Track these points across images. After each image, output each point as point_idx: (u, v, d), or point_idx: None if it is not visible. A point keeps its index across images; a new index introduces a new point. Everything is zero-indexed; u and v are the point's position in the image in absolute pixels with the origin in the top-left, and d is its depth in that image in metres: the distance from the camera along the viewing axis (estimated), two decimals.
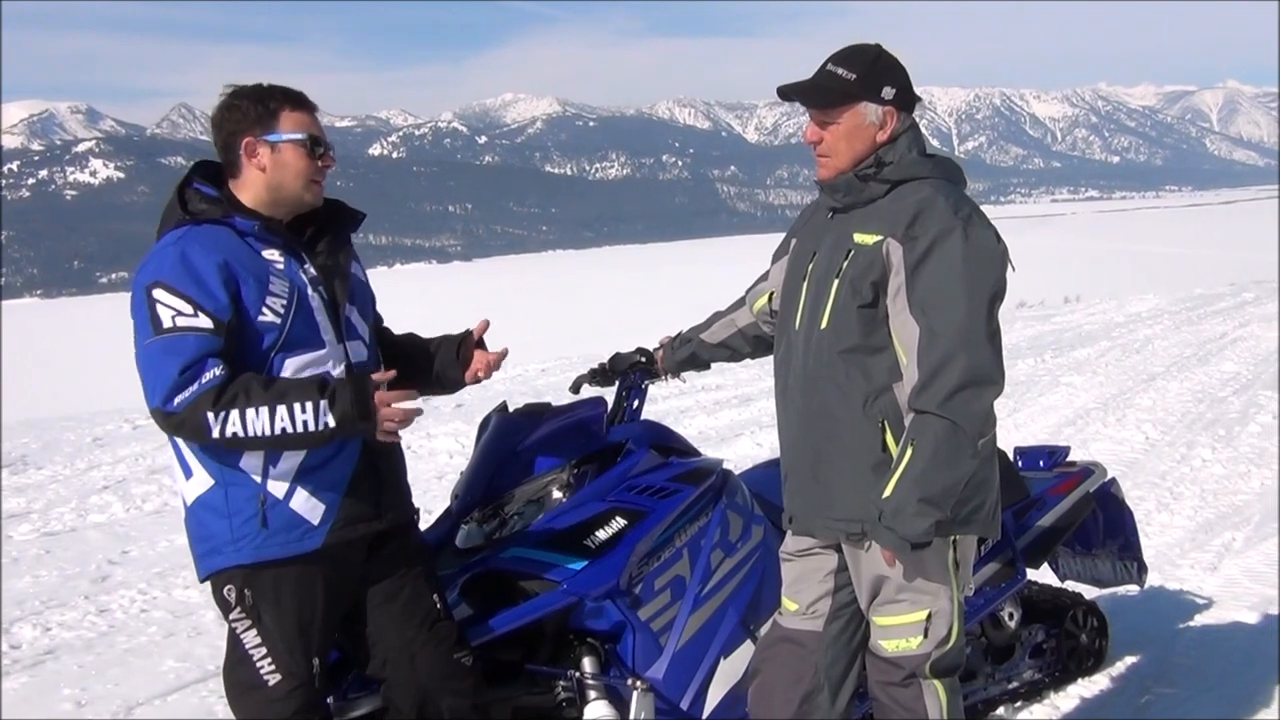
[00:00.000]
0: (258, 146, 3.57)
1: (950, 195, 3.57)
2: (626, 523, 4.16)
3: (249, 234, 3.55)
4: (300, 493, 3.53)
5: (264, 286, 3.49)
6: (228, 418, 3.34)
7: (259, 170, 3.59)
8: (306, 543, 3.55)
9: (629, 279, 75.67)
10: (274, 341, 3.49)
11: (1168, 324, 22.47)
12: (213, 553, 3.56)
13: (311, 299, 3.59)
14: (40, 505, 10.05)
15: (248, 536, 3.51)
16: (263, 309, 3.47)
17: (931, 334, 3.44)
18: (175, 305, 3.38)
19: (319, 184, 3.67)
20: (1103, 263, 62.22)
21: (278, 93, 3.62)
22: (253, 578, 3.54)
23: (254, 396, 3.36)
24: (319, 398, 3.40)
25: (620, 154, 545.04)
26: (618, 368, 4.67)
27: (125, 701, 5.78)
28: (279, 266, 3.55)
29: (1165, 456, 10.91)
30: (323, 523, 3.56)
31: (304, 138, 3.60)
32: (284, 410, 3.37)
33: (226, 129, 3.59)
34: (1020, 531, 5.20)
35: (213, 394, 3.34)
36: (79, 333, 65.95)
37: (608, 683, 4.07)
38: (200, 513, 3.57)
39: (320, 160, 3.64)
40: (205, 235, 3.49)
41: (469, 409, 13.74)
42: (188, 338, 3.35)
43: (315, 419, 3.39)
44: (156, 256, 3.47)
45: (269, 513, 3.50)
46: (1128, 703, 5.49)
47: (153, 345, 3.38)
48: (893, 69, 3.66)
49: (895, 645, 3.71)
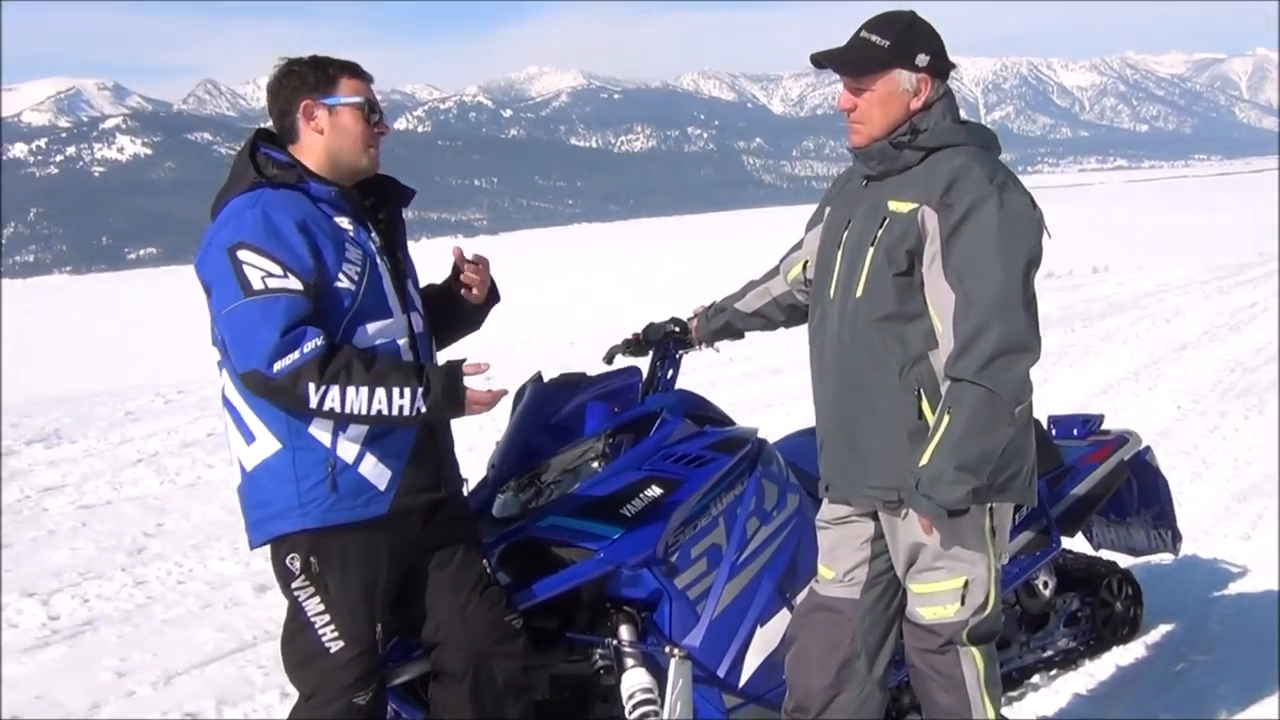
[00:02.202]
0: (316, 109, 3.59)
1: (985, 162, 3.56)
2: (662, 491, 4.16)
3: (323, 199, 3.57)
4: (369, 458, 3.55)
5: (341, 252, 3.51)
6: (328, 392, 3.37)
7: (317, 133, 3.61)
8: (373, 508, 3.57)
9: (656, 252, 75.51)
10: (350, 307, 3.51)
11: (1198, 293, 22.36)
12: (274, 518, 3.56)
13: (381, 268, 3.62)
14: (75, 479, 10.12)
15: (316, 501, 3.52)
16: (340, 275, 3.49)
17: (967, 301, 3.43)
18: (264, 266, 3.38)
19: (375, 149, 3.70)
20: (1132, 232, 61.76)
21: (335, 61, 3.66)
22: (318, 544, 3.55)
23: (355, 375, 3.39)
24: (416, 384, 3.45)
25: (645, 127, 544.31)
26: (652, 338, 4.67)
27: (164, 671, 5.83)
28: (351, 234, 3.58)
29: (1197, 426, 10.87)
30: (389, 488, 3.58)
31: (362, 101, 3.63)
32: (383, 393, 3.41)
33: (284, 94, 3.62)
34: (1055, 500, 5.19)
35: (317, 365, 3.35)
36: (109, 308, 66.19)
37: (645, 650, 4.08)
38: (262, 477, 3.57)
39: (375, 127, 3.67)
40: (281, 198, 3.50)
41: (500, 381, 13.72)
42: (280, 299, 3.36)
43: (410, 404, 3.44)
44: (235, 218, 3.46)
45: (339, 477, 3.52)
46: (1162, 671, 5.48)
47: (245, 307, 3.38)
48: (927, 36, 3.65)
49: (932, 612, 3.72)
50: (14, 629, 6.49)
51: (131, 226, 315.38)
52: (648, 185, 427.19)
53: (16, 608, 6.75)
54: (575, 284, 48.62)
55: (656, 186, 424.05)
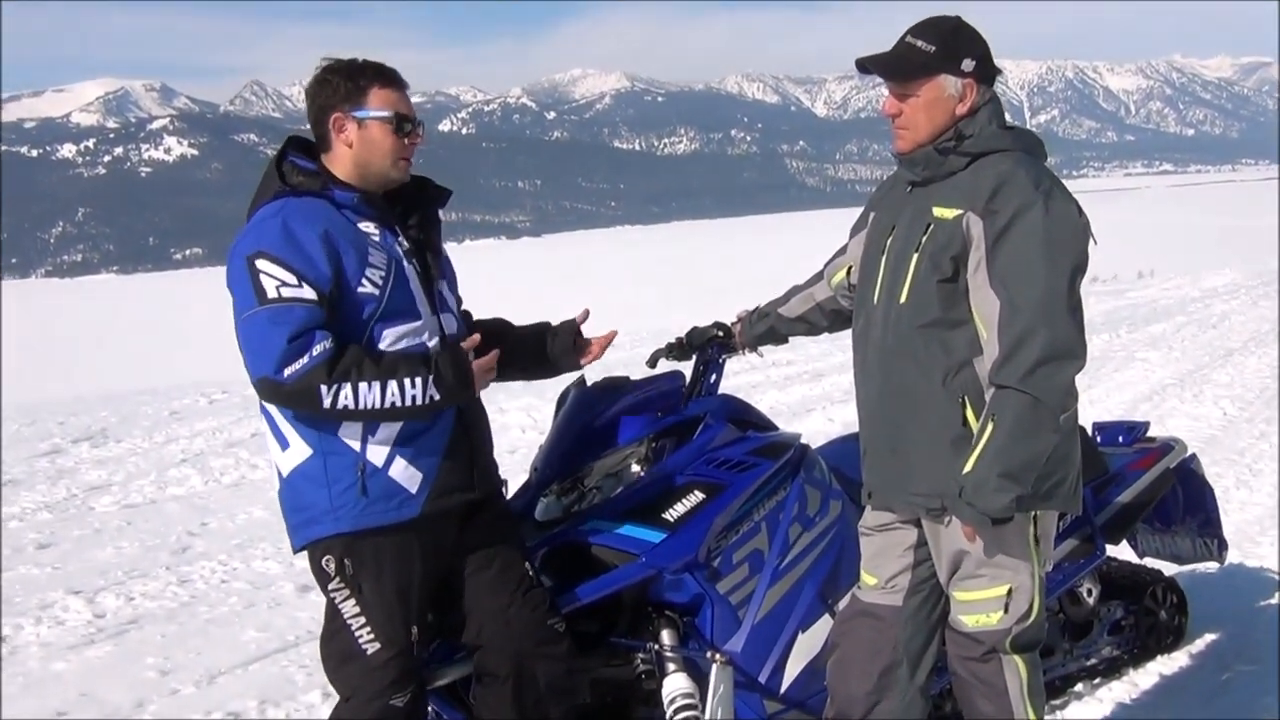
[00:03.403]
0: (345, 122, 3.61)
1: (1031, 168, 3.54)
2: (705, 496, 4.15)
3: (346, 206, 3.58)
4: (399, 461, 3.57)
5: (363, 257, 3.52)
6: (340, 391, 3.39)
7: (346, 146, 3.62)
8: (405, 511, 3.59)
9: (698, 254, 75.52)
10: (373, 312, 3.53)
11: (1244, 299, 22.19)
12: (310, 523, 3.60)
13: (408, 270, 3.63)
14: (120, 478, 10.22)
15: (347, 505, 3.55)
16: (363, 280, 3.50)
17: (1013, 308, 3.41)
18: (280, 275, 3.41)
19: (406, 161, 3.70)
20: (1177, 237, 61.46)
21: (370, 69, 3.64)
22: (352, 547, 3.58)
23: (365, 371, 3.41)
24: (426, 372, 3.48)
25: (688, 129, 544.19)
26: (695, 342, 4.66)
27: (208, 670, 5.87)
28: (375, 238, 3.59)
29: (1244, 433, 10.78)
30: (420, 491, 3.61)
31: (390, 115, 3.62)
32: (394, 385, 3.44)
33: (318, 103, 3.63)
34: (1099, 507, 5.15)
35: (325, 367, 3.38)
36: (154, 308, 66.76)
37: (686, 655, 4.08)
38: (298, 482, 3.61)
39: (407, 138, 3.66)
40: (305, 206, 3.53)
41: (541, 384, 13.75)
42: (294, 309, 3.38)
43: (423, 392, 3.47)
44: (257, 227, 3.50)
45: (368, 481, 3.54)
46: (1207, 680, 5.44)
47: (258, 315, 3.41)
48: (972, 40, 3.63)
49: (976, 620, 3.70)
50: (60, 626, 6.54)
51: (177, 226, 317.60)
52: (690, 188, 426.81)
53: (63, 605, 6.81)
54: (618, 286, 48.69)
55: (699, 189, 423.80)
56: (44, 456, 11.21)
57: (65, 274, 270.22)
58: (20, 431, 12.53)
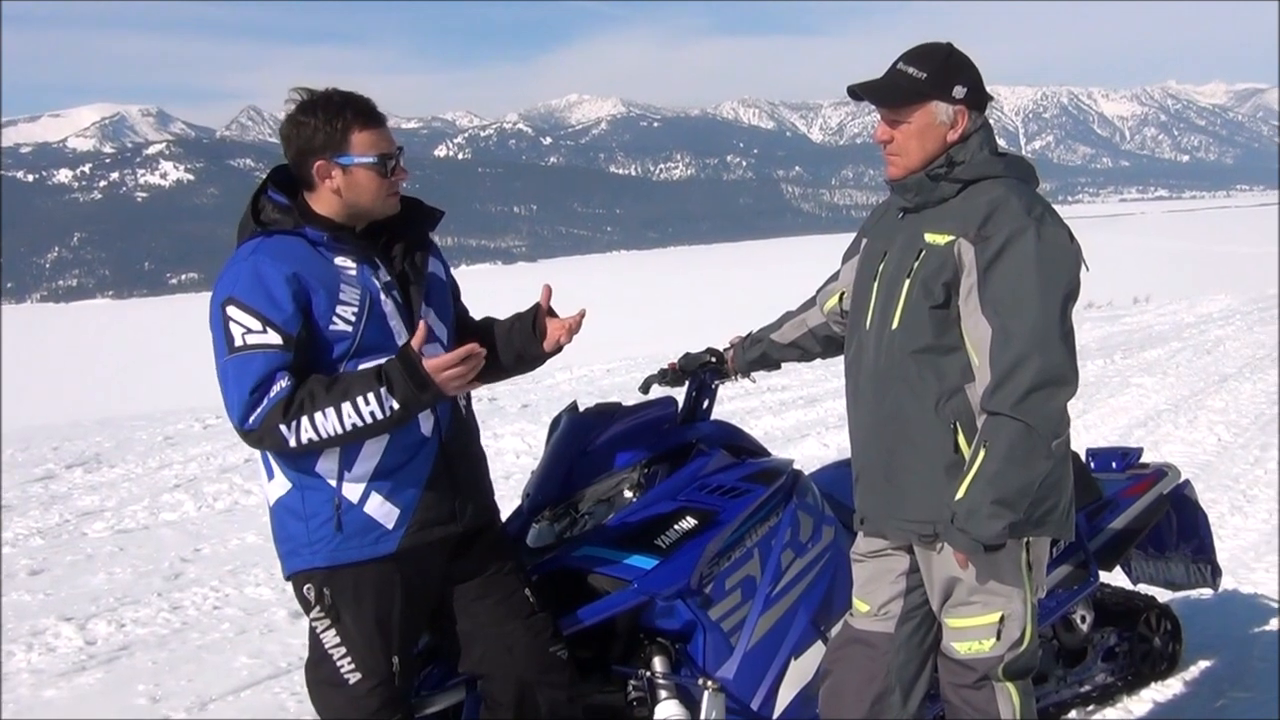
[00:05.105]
0: (331, 169, 3.54)
1: (1023, 194, 3.55)
2: (697, 522, 4.15)
3: (320, 243, 3.55)
4: (374, 497, 3.56)
5: (334, 296, 3.49)
6: (299, 425, 3.38)
7: (334, 193, 3.57)
8: (381, 547, 3.58)
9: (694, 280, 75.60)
10: (346, 349, 3.51)
11: (1239, 324, 22.19)
12: (292, 554, 3.62)
13: (384, 305, 3.59)
14: (114, 503, 10.19)
15: (323, 540, 3.55)
16: (333, 318, 3.48)
17: (1005, 334, 3.41)
18: (246, 322, 3.41)
19: (395, 196, 3.66)
20: (1172, 263, 61.54)
21: (347, 109, 3.54)
22: (331, 578, 3.58)
23: (318, 400, 3.39)
24: (378, 386, 3.41)
25: (685, 154, 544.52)
26: (688, 368, 4.67)
27: (199, 697, 5.85)
28: (350, 273, 3.56)
29: (1239, 459, 10.76)
30: (397, 527, 3.59)
31: (375, 160, 3.56)
32: (349, 407, 3.40)
33: (296, 146, 3.56)
34: (1093, 533, 5.16)
35: (281, 407, 3.38)
36: (150, 333, 66.67)
37: (679, 682, 4.07)
38: (281, 514, 3.63)
39: (393, 175, 3.61)
40: (277, 247, 3.51)
41: (535, 409, 13.80)
42: (256, 356, 3.39)
43: (380, 407, 3.41)
44: (231, 271, 3.50)
45: (343, 517, 3.54)
46: (1202, 707, 5.43)
47: (227, 365, 3.43)
48: (964, 67, 3.64)
49: (968, 647, 3.70)
50: (51, 653, 6.52)
51: (173, 251, 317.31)
52: (687, 213, 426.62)
53: (54, 631, 6.79)
54: (613, 311, 48.71)
55: (695, 214, 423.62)
56: (38, 482, 11.19)
57: (61, 299, 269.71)
58: (14, 457, 12.52)
